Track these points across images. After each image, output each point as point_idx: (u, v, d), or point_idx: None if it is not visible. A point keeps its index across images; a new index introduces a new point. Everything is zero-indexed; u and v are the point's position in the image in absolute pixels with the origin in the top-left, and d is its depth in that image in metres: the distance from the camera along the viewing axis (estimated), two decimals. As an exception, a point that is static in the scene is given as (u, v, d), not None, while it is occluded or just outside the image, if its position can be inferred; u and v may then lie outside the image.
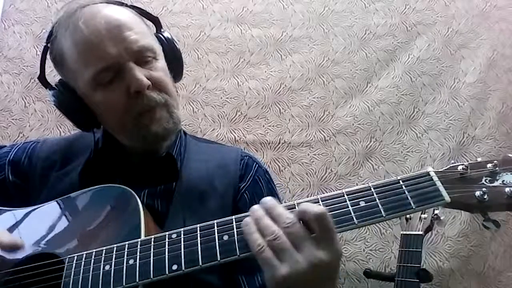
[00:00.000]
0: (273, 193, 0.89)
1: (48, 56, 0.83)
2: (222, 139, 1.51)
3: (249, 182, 0.85)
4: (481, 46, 1.62)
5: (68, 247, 0.68)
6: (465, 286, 1.43)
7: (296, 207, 0.59)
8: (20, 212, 0.78)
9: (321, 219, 0.55)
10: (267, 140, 1.54)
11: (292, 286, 0.54)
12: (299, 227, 0.55)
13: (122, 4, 0.82)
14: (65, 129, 1.48)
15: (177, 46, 0.87)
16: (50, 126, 1.50)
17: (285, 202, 0.62)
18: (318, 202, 0.60)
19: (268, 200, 0.60)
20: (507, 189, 0.58)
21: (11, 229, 0.76)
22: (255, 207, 0.60)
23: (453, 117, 1.56)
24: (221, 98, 1.56)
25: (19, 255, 0.70)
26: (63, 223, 0.73)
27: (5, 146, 0.96)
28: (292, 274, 0.53)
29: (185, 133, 0.95)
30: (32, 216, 0.77)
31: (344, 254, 1.43)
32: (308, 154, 1.53)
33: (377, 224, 1.33)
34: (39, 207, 0.78)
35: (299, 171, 1.51)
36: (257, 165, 0.90)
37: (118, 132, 0.82)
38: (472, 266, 1.44)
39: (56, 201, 0.77)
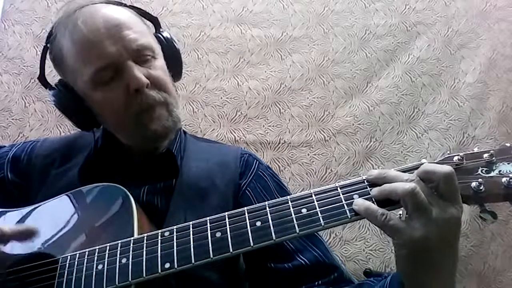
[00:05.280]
0: (280, 185, 0.88)
1: (48, 56, 0.83)
2: (222, 139, 1.51)
3: (250, 179, 0.85)
4: (481, 46, 1.62)
5: (63, 247, 0.68)
6: (465, 286, 1.42)
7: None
8: (14, 213, 0.78)
9: (451, 179, 0.54)
10: (267, 140, 1.53)
11: (428, 245, 0.53)
12: (424, 185, 0.55)
13: (121, 4, 0.82)
14: (65, 129, 1.48)
15: (176, 45, 0.88)
16: (50, 126, 1.49)
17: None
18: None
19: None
20: (504, 179, 0.55)
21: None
22: (374, 171, 0.60)
23: (453, 117, 1.56)
24: (221, 98, 1.56)
25: (14, 252, 0.70)
26: (57, 223, 0.73)
27: (4, 146, 0.96)
28: (429, 231, 0.53)
29: (185, 132, 0.95)
30: (26, 216, 0.77)
31: (344, 254, 1.43)
32: (308, 154, 1.53)
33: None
34: (33, 208, 0.78)
35: (299, 171, 1.51)
36: (258, 161, 0.90)
37: (117, 131, 0.82)
38: (472, 266, 1.44)
39: (50, 201, 0.77)
